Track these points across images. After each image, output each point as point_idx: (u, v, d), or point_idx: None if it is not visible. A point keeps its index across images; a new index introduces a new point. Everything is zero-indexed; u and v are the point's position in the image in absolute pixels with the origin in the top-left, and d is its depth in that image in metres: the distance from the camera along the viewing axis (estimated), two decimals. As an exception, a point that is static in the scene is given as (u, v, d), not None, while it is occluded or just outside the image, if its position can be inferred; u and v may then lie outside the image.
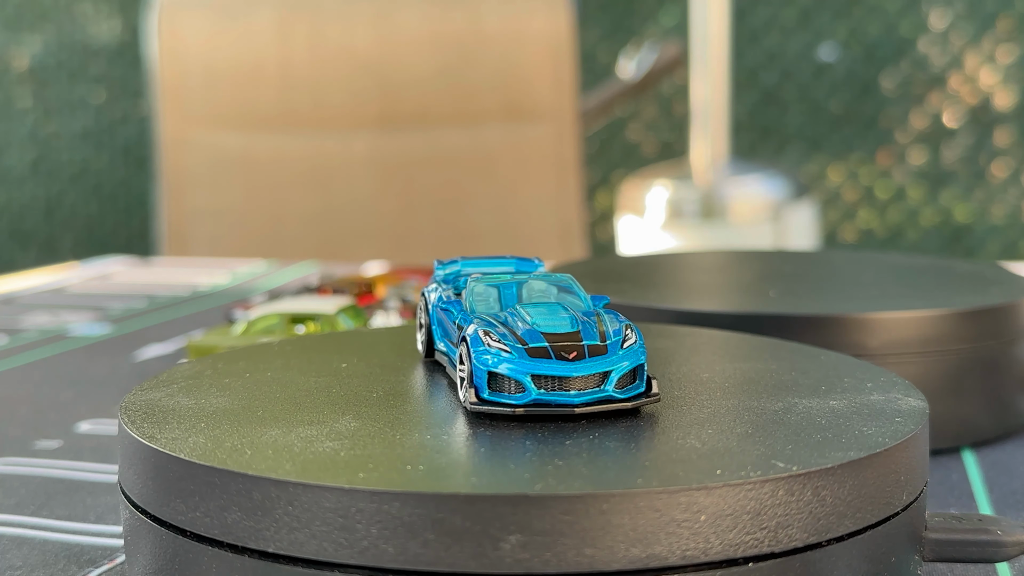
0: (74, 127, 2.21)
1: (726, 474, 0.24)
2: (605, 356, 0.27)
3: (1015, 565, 0.31)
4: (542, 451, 0.25)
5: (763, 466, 0.24)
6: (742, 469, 0.24)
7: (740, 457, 0.25)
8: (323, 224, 1.25)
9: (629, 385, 0.27)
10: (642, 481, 0.23)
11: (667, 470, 0.24)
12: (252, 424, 0.27)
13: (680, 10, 1.93)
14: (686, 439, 0.26)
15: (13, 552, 0.33)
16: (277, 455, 0.25)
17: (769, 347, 0.35)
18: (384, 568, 0.23)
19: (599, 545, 0.22)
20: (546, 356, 0.27)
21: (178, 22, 1.24)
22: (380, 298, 0.53)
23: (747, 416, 0.28)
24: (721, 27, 1.65)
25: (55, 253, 2.18)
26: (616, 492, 0.23)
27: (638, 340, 0.28)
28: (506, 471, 0.24)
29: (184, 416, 0.28)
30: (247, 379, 0.31)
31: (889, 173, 1.96)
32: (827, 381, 0.31)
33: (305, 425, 0.27)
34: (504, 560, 0.22)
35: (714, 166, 1.66)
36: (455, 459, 0.25)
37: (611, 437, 0.26)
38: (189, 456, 0.25)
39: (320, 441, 0.26)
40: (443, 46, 1.24)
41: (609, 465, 0.24)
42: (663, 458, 0.25)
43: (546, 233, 1.26)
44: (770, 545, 0.24)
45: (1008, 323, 0.42)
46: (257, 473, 0.24)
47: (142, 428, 0.27)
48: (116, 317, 0.69)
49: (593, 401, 0.27)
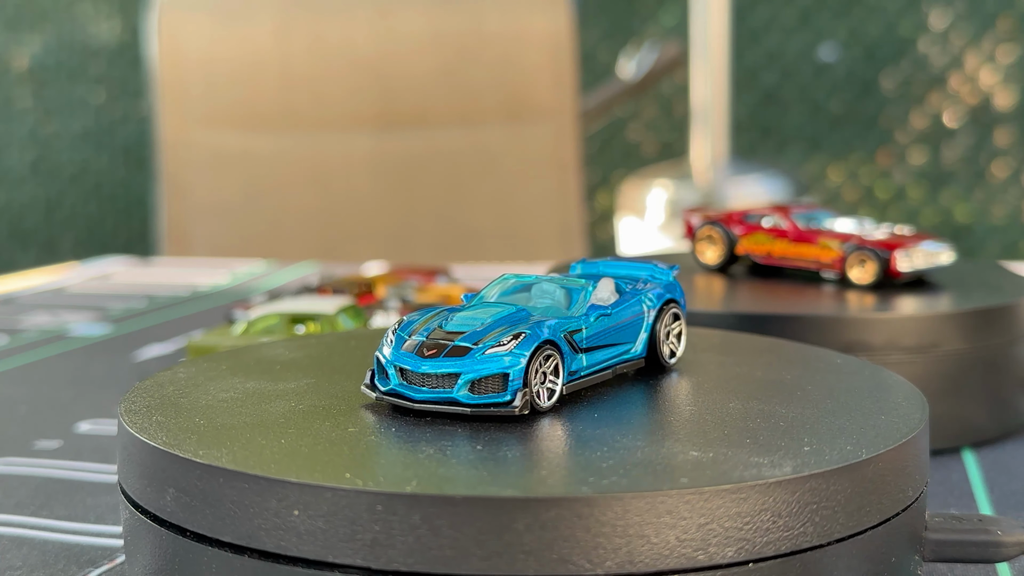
0: (74, 127, 2.21)
1: (726, 475, 0.24)
2: (460, 359, 0.27)
3: (1015, 565, 0.31)
4: (542, 452, 0.25)
5: (763, 467, 0.24)
6: (742, 470, 0.24)
7: (740, 458, 0.25)
8: (323, 224, 1.25)
9: (492, 392, 0.27)
10: (643, 483, 0.23)
11: (667, 472, 0.24)
12: (252, 424, 0.27)
13: (680, 10, 1.93)
14: (686, 440, 0.26)
15: (13, 552, 0.33)
16: (277, 455, 0.25)
17: (769, 347, 0.35)
18: (384, 568, 0.23)
19: (600, 548, 0.22)
20: (413, 351, 0.28)
21: (178, 22, 1.24)
22: (380, 298, 0.53)
23: (746, 416, 0.28)
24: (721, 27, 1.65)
25: (55, 253, 2.18)
26: (616, 495, 0.23)
27: (518, 350, 0.27)
28: (507, 472, 0.24)
29: (184, 416, 0.28)
30: (247, 379, 0.31)
31: (889, 173, 1.96)
32: (827, 381, 0.31)
33: (305, 425, 0.27)
34: (504, 561, 0.22)
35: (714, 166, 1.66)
36: (458, 461, 0.25)
37: (610, 438, 0.26)
38: (189, 455, 0.25)
39: (321, 441, 0.26)
40: (443, 46, 1.24)
41: (608, 468, 0.24)
42: (663, 460, 0.25)
43: (546, 233, 1.25)
44: (771, 546, 0.24)
45: (1008, 323, 0.42)
46: (257, 473, 0.24)
47: (142, 428, 0.27)
48: (116, 317, 0.69)
49: (435, 400, 0.27)
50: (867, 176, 1.97)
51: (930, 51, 1.91)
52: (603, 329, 0.30)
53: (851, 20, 1.93)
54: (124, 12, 2.16)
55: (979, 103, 1.90)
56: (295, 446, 0.26)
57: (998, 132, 1.90)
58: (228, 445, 0.26)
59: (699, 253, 0.49)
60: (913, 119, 1.93)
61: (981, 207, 1.93)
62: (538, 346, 0.27)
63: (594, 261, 0.34)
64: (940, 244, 0.46)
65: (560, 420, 0.27)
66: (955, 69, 1.90)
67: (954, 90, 1.91)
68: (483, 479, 0.24)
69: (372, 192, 1.25)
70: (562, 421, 0.27)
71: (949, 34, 1.90)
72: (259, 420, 0.27)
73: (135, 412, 0.28)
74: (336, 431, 0.27)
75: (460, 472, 0.24)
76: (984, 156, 1.91)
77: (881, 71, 1.93)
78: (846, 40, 1.94)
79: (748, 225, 0.48)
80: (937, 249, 0.46)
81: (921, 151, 1.93)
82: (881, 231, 0.46)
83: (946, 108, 1.92)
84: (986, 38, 1.88)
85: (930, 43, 1.91)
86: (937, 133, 1.93)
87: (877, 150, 1.95)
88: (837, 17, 1.94)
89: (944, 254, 0.46)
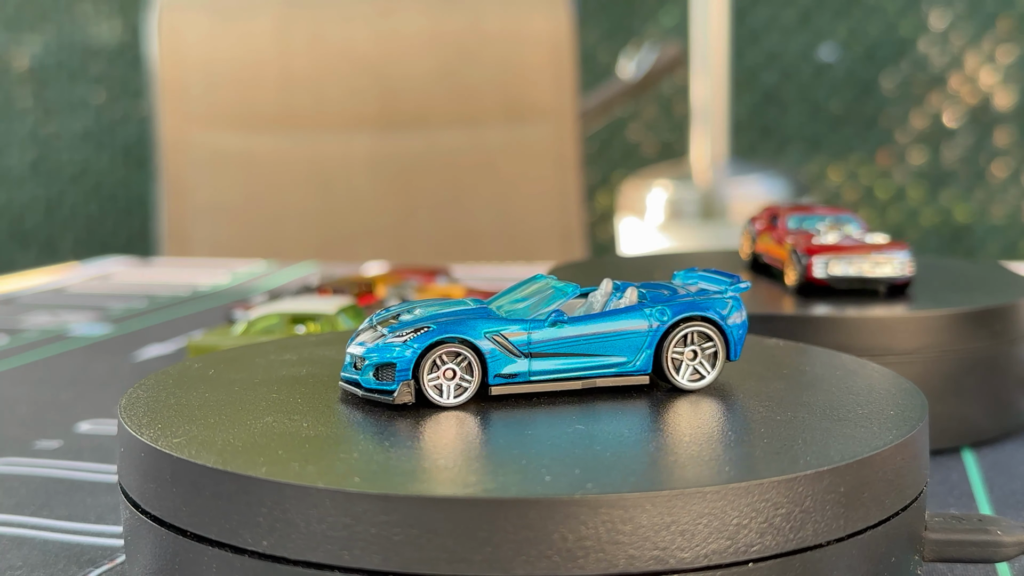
0: (74, 127, 2.21)
1: (726, 475, 0.24)
2: (369, 346, 0.28)
3: (1015, 565, 0.31)
4: (541, 453, 0.25)
5: (763, 467, 0.24)
6: (742, 470, 0.24)
7: (739, 458, 0.25)
8: (323, 224, 1.25)
9: (386, 380, 0.28)
10: (641, 483, 0.23)
11: (667, 472, 0.24)
12: (252, 424, 0.27)
13: (680, 10, 1.93)
14: (685, 440, 0.26)
15: (13, 552, 0.33)
16: (278, 455, 0.25)
17: (769, 347, 0.35)
18: (384, 569, 0.23)
19: (598, 548, 0.22)
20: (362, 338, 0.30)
21: (178, 22, 1.24)
22: (380, 298, 0.53)
23: (746, 416, 0.28)
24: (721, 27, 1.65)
25: (55, 253, 2.18)
26: (615, 495, 0.22)
27: (413, 343, 0.28)
28: (507, 473, 0.24)
29: (184, 416, 0.28)
30: (247, 379, 0.31)
31: (889, 173, 1.96)
32: (827, 381, 0.31)
33: (305, 426, 0.27)
34: (504, 562, 0.22)
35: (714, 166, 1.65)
36: (456, 461, 0.25)
37: (609, 439, 0.26)
38: (189, 456, 0.25)
39: (320, 442, 0.26)
40: (443, 46, 1.24)
41: (608, 467, 0.24)
42: (662, 460, 0.25)
43: (546, 233, 1.25)
44: (770, 546, 0.23)
45: (1008, 323, 0.42)
46: (257, 474, 0.24)
47: (142, 428, 0.27)
48: (116, 317, 0.69)
49: (347, 380, 0.29)
50: (867, 176, 1.97)
51: (930, 51, 1.91)
52: (567, 338, 0.29)
53: (851, 20, 1.93)
54: (124, 12, 2.16)
55: (979, 103, 1.90)
56: (296, 447, 0.25)
57: (998, 132, 1.90)
58: (228, 445, 0.26)
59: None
60: (913, 119, 1.93)
61: (981, 207, 1.93)
62: (438, 342, 0.28)
63: (694, 271, 0.32)
64: (904, 254, 0.44)
65: (560, 420, 0.27)
66: (955, 69, 1.90)
67: (954, 90, 1.91)
68: (485, 480, 0.24)
69: (372, 192, 1.25)
70: (562, 421, 0.27)
71: (949, 34, 1.90)
72: (259, 420, 0.27)
73: (135, 412, 0.28)
74: (337, 432, 0.27)
75: (460, 474, 0.24)
76: (984, 156, 1.91)
77: (881, 71, 1.93)
78: (846, 40, 1.94)
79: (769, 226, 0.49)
80: (887, 258, 0.44)
81: (921, 151, 1.93)
82: (850, 238, 0.46)
83: (946, 108, 1.92)
84: (986, 38, 1.88)
85: (930, 43, 1.91)
86: (937, 133, 1.92)
87: (877, 150, 1.95)
88: (837, 17, 1.94)
89: (894, 265, 0.44)
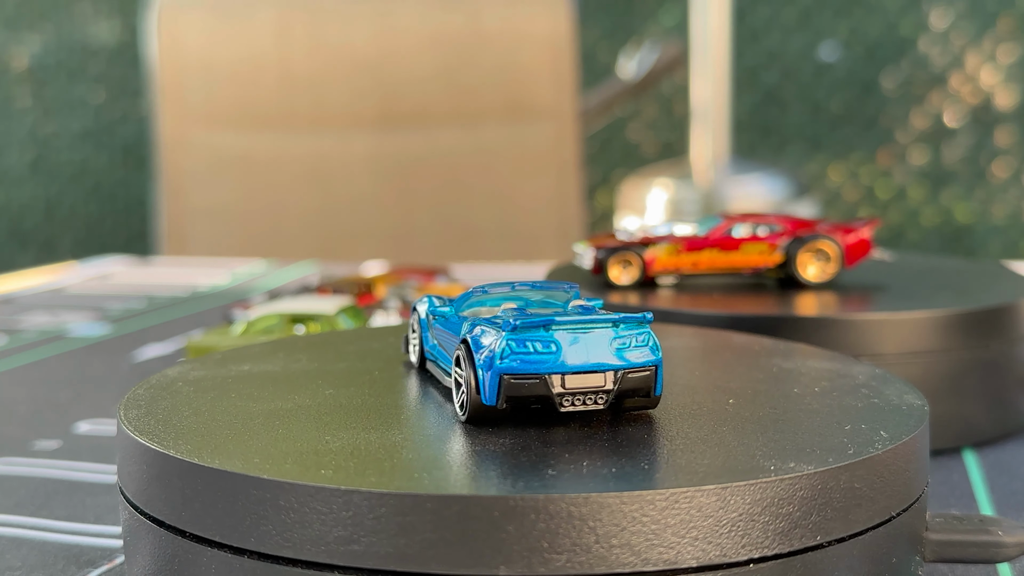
0: (73, 127, 2.21)
1: (726, 476, 0.24)
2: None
3: (1016, 566, 0.31)
4: (540, 453, 0.25)
5: (763, 467, 0.24)
6: (742, 470, 0.24)
7: (739, 458, 0.25)
8: (323, 224, 1.25)
9: None
10: (641, 484, 0.23)
11: (667, 472, 0.24)
12: (251, 424, 0.27)
13: (680, 10, 1.93)
14: (685, 441, 0.26)
15: (12, 552, 0.33)
16: (276, 455, 0.25)
17: (769, 347, 0.35)
18: (384, 569, 0.23)
19: (598, 548, 0.22)
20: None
21: (178, 22, 1.24)
22: (380, 298, 0.53)
23: (746, 416, 0.28)
24: (721, 27, 1.65)
25: (54, 253, 2.18)
26: (615, 495, 0.22)
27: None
28: (507, 473, 0.24)
29: (183, 416, 0.28)
30: (246, 379, 0.31)
31: (890, 173, 1.96)
32: (827, 381, 0.31)
33: (304, 425, 0.27)
34: (504, 562, 0.22)
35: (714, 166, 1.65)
36: (455, 460, 0.25)
37: (609, 439, 0.26)
38: (188, 456, 0.25)
39: (320, 441, 0.26)
40: (443, 46, 1.24)
41: (608, 468, 0.24)
42: (663, 460, 0.25)
43: (546, 233, 1.25)
44: (771, 546, 0.23)
45: (1009, 323, 0.42)
46: (256, 473, 0.24)
47: (141, 428, 0.27)
48: (115, 317, 0.69)
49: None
50: (867, 176, 1.97)
51: (931, 51, 1.91)
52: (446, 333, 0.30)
53: (851, 20, 1.93)
54: (124, 12, 2.16)
55: (980, 103, 1.90)
56: (295, 447, 0.25)
57: (999, 132, 1.90)
58: (228, 446, 0.25)
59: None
60: (914, 119, 1.93)
61: (982, 207, 1.93)
62: None
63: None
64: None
65: (560, 420, 0.27)
66: (956, 69, 1.90)
67: (955, 90, 1.91)
68: (487, 480, 0.24)
69: (372, 192, 1.25)
70: (562, 422, 0.27)
71: (950, 34, 1.90)
72: (258, 421, 0.27)
73: (134, 413, 0.28)
74: (336, 432, 0.27)
75: (460, 473, 0.24)
76: (985, 156, 1.91)
77: (882, 71, 1.93)
78: (847, 40, 1.94)
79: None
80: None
81: (922, 151, 1.93)
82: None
83: (947, 108, 1.92)
84: (987, 38, 1.88)
85: (931, 43, 1.91)
86: (938, 133, 1.92)
87: (878, 150, 1.95)
88: (837, 17, 1.94)
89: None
